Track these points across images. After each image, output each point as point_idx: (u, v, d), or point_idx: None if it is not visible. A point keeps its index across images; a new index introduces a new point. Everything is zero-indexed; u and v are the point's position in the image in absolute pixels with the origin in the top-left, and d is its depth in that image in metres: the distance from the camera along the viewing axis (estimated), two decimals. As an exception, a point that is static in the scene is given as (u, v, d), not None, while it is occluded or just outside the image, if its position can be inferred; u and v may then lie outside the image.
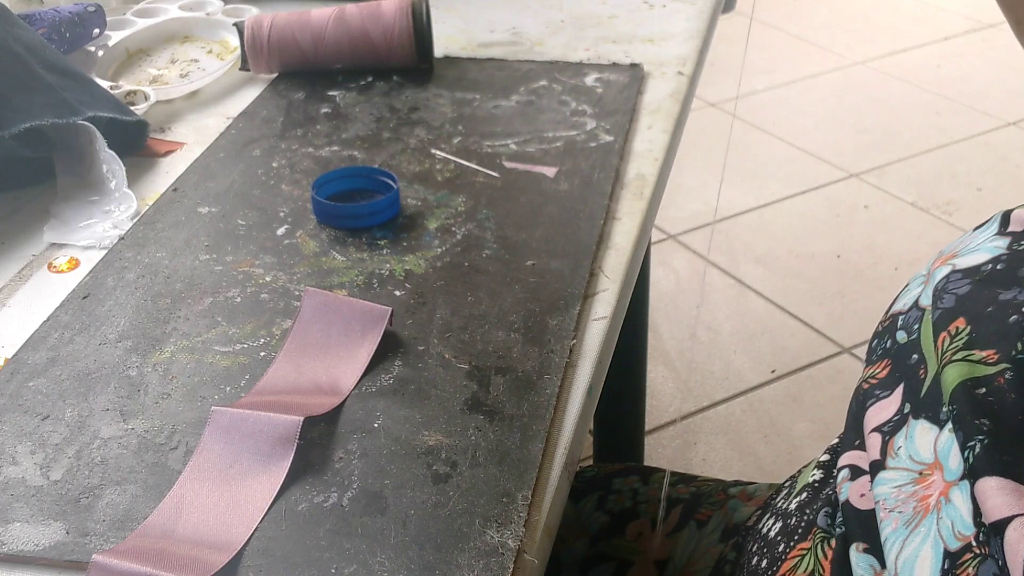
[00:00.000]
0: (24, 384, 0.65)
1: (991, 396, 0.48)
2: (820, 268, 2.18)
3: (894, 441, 0.54)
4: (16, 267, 0.77)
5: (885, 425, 0.55)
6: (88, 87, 0.89)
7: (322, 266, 0.76)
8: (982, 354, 0.50)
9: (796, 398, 1.86)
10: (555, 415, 0.62)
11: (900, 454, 0.53)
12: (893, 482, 0.53)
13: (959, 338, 0.52)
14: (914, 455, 0.52)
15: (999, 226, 0.58)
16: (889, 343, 0.59)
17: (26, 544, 0.54)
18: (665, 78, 1.01)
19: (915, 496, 0.51)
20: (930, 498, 0.50)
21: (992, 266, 0.55)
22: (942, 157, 2.57)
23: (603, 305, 0.72)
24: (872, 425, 0.56)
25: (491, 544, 0.53)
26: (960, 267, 0.56)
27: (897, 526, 0.51)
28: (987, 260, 0.55)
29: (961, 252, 0.58)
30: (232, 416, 0.60)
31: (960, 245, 0.59)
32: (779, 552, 0.62)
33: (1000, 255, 0.55)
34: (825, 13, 3.39)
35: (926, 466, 0.51)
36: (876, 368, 0.59)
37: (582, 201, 0.82)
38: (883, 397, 0.57)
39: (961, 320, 0.52)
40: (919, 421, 0.53)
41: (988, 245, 0.56)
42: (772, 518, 0.66)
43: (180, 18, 1.13)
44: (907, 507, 0.51)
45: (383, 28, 1.00)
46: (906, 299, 0.59)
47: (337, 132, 0.93)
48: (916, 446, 0.52)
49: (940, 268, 0.57)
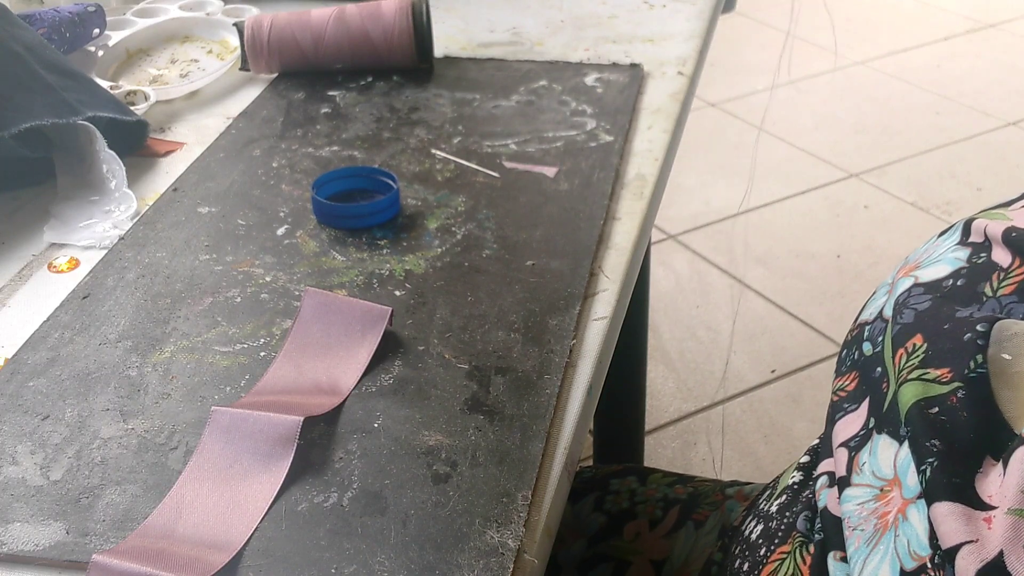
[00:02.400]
0: (24, 384, 0.65)
1: (943, 415, 0.48)
2: (820, 268, 2.18)
3: (859, 457, 0.54)
4: (16, 267, 0.77)
5: (852, 440, 0.55)
6: (88, 87, 0.89)
7: (322, 266, 0.76)
8: (936, 372, 0.50)
9: (796, 398, 1.86)
10: (555, 415, 0.62)
11: (864, 470, 0.53)
12: (857, 499, 0.52)
13: (916, 355, 0.52)
14: (876, 471, 0.52)
15: (961, 235, 0.57)
16: (857, 354, 0.58)
17: (26, 544, 0.54)
18: (665, 78, 1.01)
19: (876, 513, 0.51)
20: (889, 515, 0.50)
21: (953, 281, 0.54)
22: (942, 157, 2.57)
23: (603, 305, 0.72)
24: (840, 439, 0.56)
25: (491, 544, 0.53)
26: (922, 280, 0.56)
27: (859, 544, 0.51)
28: (948, 274, 0.55)
29: (924, 263, 0.57)
30: (232, 416, 0.60)
31: (924, 254, 0.58)
32: (760, 555, 0.62)
33: (960, 268, 0.55)
34: (825, 13, 3.39)
35: (886, 482, 0.51)
36: (845, 380, 0.59)
37: (582, 201, 0.82)
38: (850, 411, 0.57)
39: (919, 337, 0.52)
40: (881, 436, 0.53)
41: (950, 256, 0.56)
42: (754, 520, 0.66)
43: (180, 18, 1.13)
44: (868, 524, 0.51)
45: (383, 28, 1.00)
46: (872, 308, 0.59)
47: (337, 132, 0.93)
48: (878, 461, 0.52)
49: (903, 279, 0.57)
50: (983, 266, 0.54)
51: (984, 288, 0.53)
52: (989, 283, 0.53)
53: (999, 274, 0.53)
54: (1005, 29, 3.28)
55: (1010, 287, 0.52)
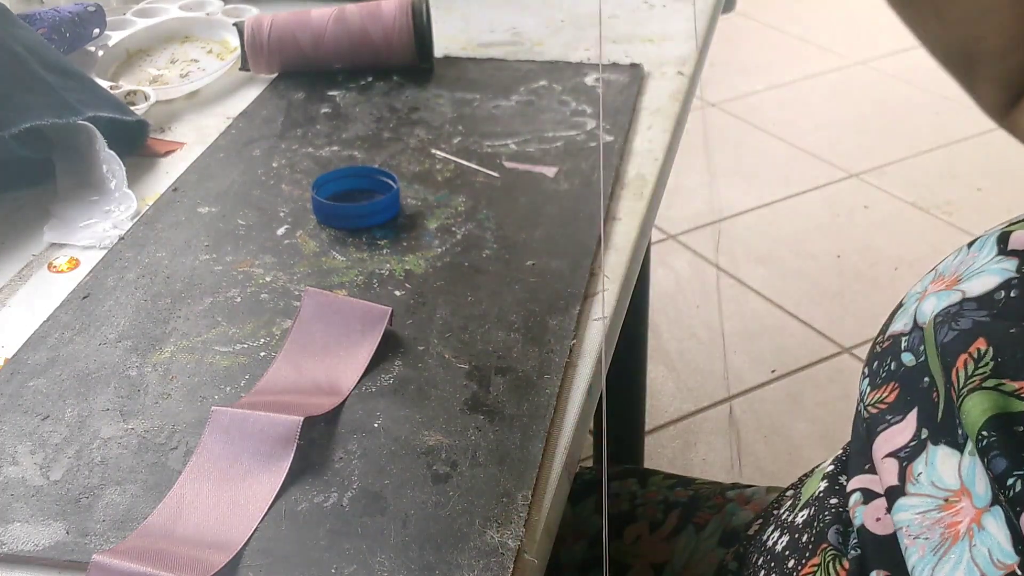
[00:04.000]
0: (24, 384, 0.65)
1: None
2: (820, 268, 2.18)
3: (913, 467, 0.53)
4: (16, 267, 0.77)
5: (901, 451, 0.54)
6: (88, 87, 0.89)
7: (322, 266, 0.76)
8: (1014, 385, 0.48)
9: (796, 398, 1.86)
10: (555, 415, 0.62)
11: (921, 480, 0.52)
12: (915, 508, 0.51)
13: (984, 363, 0.50)
14: (937, 481, 0.51)
15: (996, 245, 0.55)
16: (894, 365, 0.57)
17: (26, 544, 0.54)
18: (665, 78, 1.01)
19: (941, 523, 0.50)
20: (959, 525, 0.49)
21: (1006, 293, 0.53)
22: (942, 157, 2.57)
23: (603, 305, 0.72)
24: (884, 451, 0.55)
25: (491, 544, 0.53)
26: (971, 295, 0.54)
27: (924, 553, 0.49)
28: (998, 285, 0.53)
29: (966, 276, 0.55)
30: (232, 416, 0.60)
31: (961, 267, 0.57)
32: (789, 568, 0.61)
33: (1011, 279, 0.53)
34: (825, 13, 3.39)
35: (952, 492, 0.50)
36: (883, 392, 0.57)
37: (582, 201, 0.82)
38: (895, 423, 0.55)
39: (982, 341, 0.50)
40: (939, 447, 0.52)
41: (994, 267, 0.54)
42: (777, 531, 0.65)
43: (180, 18, 1.13)
44: (934, 533, 0.50)
45: (383, 28, 1.00)
46: (904, 319, 0.58)
47: (337, 132, 0.93)
48: (939, 472, 0.51)
49: (945, 293, 0.55)
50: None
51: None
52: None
53: None
54: (1005, 29, 3.28)
55: None
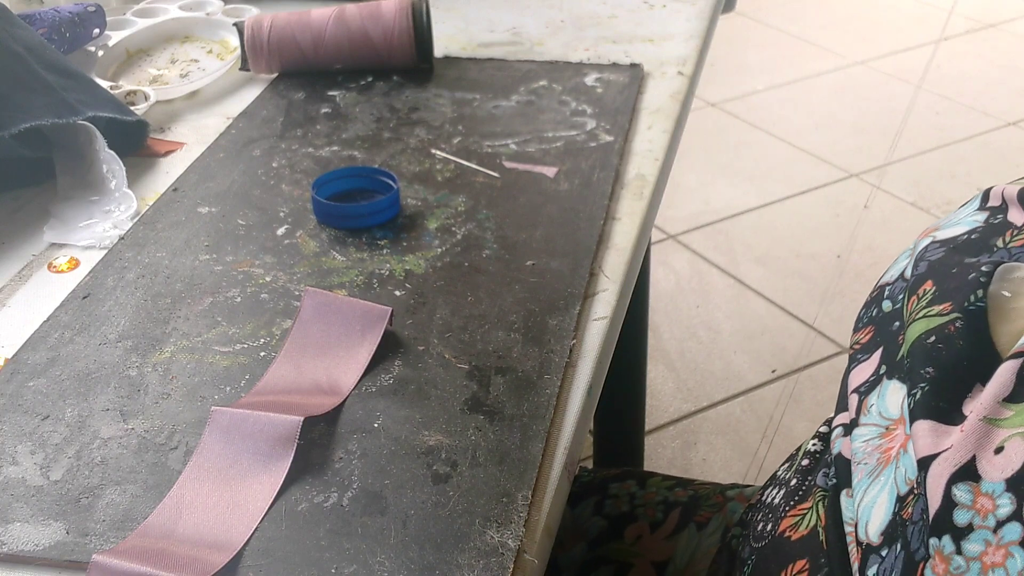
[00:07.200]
0: (24, 384, 0.65)
1: (940, 343, 0.50)
2: (820, 268, 2.18)
3: (868, 400, 0.56)
4: (16, 267, 0.77)
5: (862, 386, 0.57)
6: (88, 87, 0.89)
7: (322, 266, 0.76)
8: (939, 307, 0.52)
9: (796, 398, 1.86)
10: (555, 415, 0.62)
11: (871, 411, 0.55)
12: (863, 437, 0.55)
13: (925, 298, 0.54)
14: (883, 411, 0.54)
15: (980, 201, 0.60)
16: (875, 312, 0.61)
17: (26, 544, 0.54)
18: (665, 78, 1.01)
19: (880, 448, 0.53)
20: (892, 450, 0.52)
21: (968, 236, 0.57)
22: (942, 157, 2.57)
23: (603, 305, 0.72)
24: (853, 386, 0.59)
25: (491, 544, 0.53)
26: (940, 238, 0.58)
27: (862, 477, 0.53)
28: (964, 232, 0.57)
29: (944, 225, 0.60)
30: (232, 416, 0.60)
31: (944, 220, 0.61)
32: (781, 512, 0.64)
33: (976, 227, 0.57)
34: (825, 13, 3.39)
35: (892, 421, 0.53)
36: (860, 335, 0.61)
37: (582, 201, 0.82)
38: (863, 360, 0.59)
39: (929, 283, 0.55)
40: (892, 381, 0.55)
41: (968, 219, 0.59)
42: (775, 488, 0.68)
43: (180, 18, 1.13)
44: (871, 459, 0.53)
45: (383, 28, 1.00)
46: (893, 271, 0.61)
47: (337, 132, 0.93)
48: (886, 403, 0.54)
49: (922, 240, 0.60)
50: (998, 225, 0.56)
51: (996, 241, 0.55)
52: (1002, 237, 0.55)
53: (1012, 231, 0.55)
54: (1005, 29, 3.28)
55: (1022, 240, 0.53)
